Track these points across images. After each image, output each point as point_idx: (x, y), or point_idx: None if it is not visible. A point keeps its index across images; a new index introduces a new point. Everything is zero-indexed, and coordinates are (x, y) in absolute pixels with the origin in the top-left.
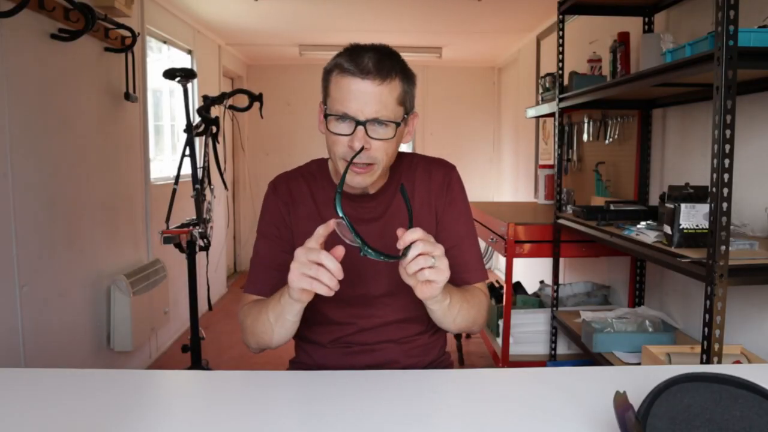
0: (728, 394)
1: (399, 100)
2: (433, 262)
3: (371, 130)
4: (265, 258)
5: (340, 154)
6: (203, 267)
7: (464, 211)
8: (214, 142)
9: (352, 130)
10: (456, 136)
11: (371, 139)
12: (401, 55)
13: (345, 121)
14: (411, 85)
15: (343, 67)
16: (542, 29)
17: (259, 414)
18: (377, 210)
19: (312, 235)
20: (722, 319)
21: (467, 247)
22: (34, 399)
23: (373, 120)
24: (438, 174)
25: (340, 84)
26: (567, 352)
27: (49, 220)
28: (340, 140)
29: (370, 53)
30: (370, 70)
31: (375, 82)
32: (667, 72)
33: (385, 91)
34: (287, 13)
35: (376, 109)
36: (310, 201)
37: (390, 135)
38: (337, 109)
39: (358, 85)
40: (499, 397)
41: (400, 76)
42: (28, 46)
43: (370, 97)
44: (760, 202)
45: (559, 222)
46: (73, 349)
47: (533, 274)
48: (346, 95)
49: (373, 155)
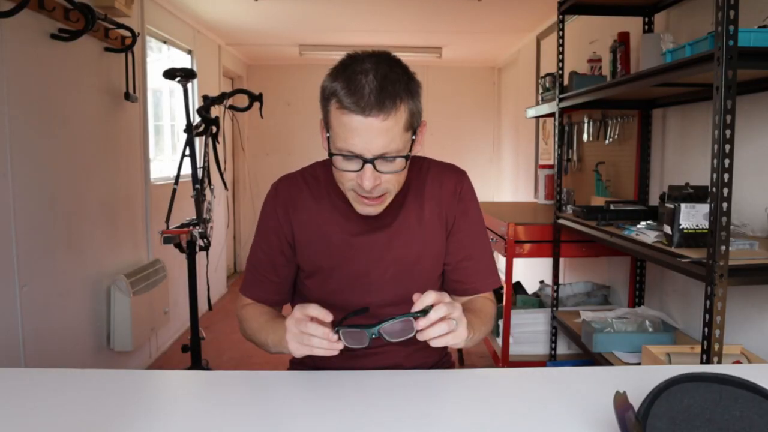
0: (728, 394)
1: (406, 127)
2: (454, 325)
3: (380, 164)
4: (262, 264)
5: (349, 187)
6: (203, 267)
7: (477, 220)
8: (214, 142)
9: (360, 167)
10: (456, 135)
11: (381, 174)
12: (402, 62)
13: (351, 158)
14: (417, 101)
15: (342, 102)
16: (542, 29)
17: (259, 414)
18: (385, 219)
19: (305, 307)
20: (722, 319)
21: (479, 257)
22: (34, 399)
23: (381, 156)
24: (449, 182)
25: (341, 121)
26: (567, 352)
27: (49, 220)
28: (348, 176)
29: (370, 78)
30: (373, 105)
31: (379, 117)
32: (667, 72)
33: (391, 124)
34: (287, 13)
35: (383, 144)
36: (312, 206)
37: (400, 167)
38: (342, 148)
39: (360, 123)
40: (499, 397)
41: (405, 97)
42: (28, 46)
43: (376, 134)
44: (760, 202)
45: (559, 222)
46: (73, 349)
47: (533, 274)
48: (349, 133)
49: (384, 187)
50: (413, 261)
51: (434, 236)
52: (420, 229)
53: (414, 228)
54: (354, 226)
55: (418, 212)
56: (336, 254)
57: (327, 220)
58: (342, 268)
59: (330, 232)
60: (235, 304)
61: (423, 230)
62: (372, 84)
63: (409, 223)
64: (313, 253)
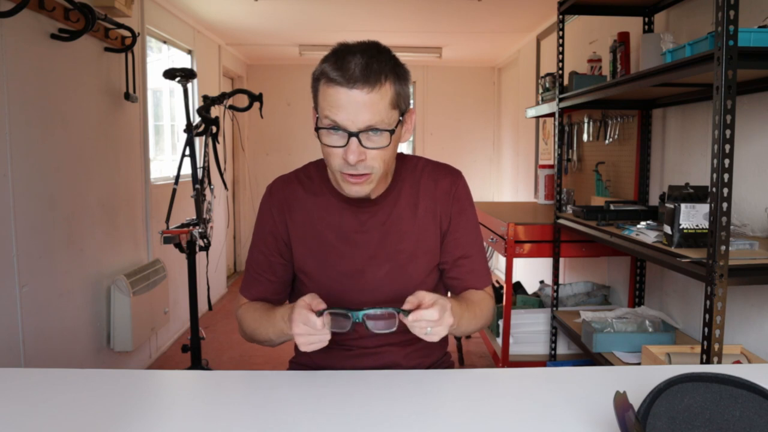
0: (728, 394)
1: (392, 104)
2: (428, 331)
3: (365, 139)
4: (260, 265)
5: (336, 166)
6: (203, 267)
7: (472, 220)
8: (214, 142)
9: (345, 141)
10: (456, 136)
11: (366, 149)
12: (392, 52)
13: (337, 132)
14: (404, 84)
15: (329, 75)
16: (542, 29)
17: (259, 414)
18: (379, 216)
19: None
20: (722, 319)
21: (475, 256)
22: (34, 399)
23: (366, 129)
24: (444, 182)
25: (328, 94)
26: (567, 352)
27: (49, 220)
28: (334, 152)
29: (357, 57)
30: (358, 78)
31: (364, 90)
32: (667, 72)
33: (376, 98)
34: (287, 13)
35: (367, 118)
36: (307, 206)
37: (385, 143)
38: (327, 120)
39: (346, 95)
40: (499, 397)
41: (391, 77)
42: (28, 46)
43: (361, 107)
44: (760, 202)
45: (559, 222)
46: (73, 349)
47: (533, 274)
48: (335, 106)
49: (370, 164)
50: (407, 258)
51: (428, 234)
52: (414, 226)
53: (408, 226)
54: (348, 224)
55: (413, 210)
56: (331, 252)
57: (321, 219)
58: (336, 266)
59: (324, 230)
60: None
61: (417, 228)
62: (359, 61)
63: (403, 221)
64: (308, 252)
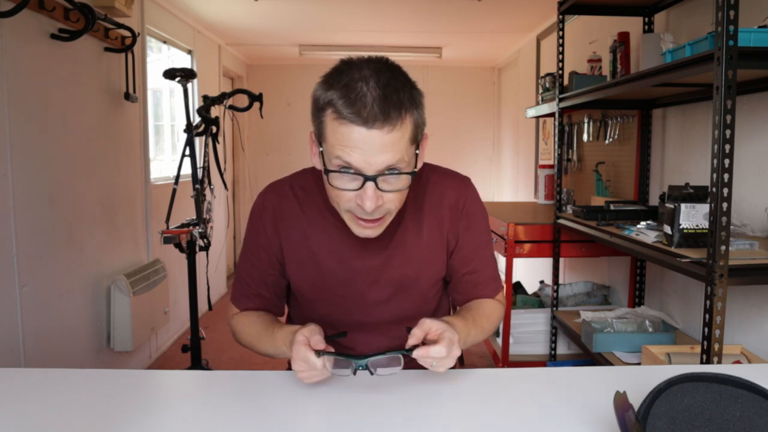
0: (728, 394)
1: (412, 139)
2: (434, 364)
3: (382, 182)
4: (253, 278)
5: (346, 207)
6: (203, 267)
7: (482, 231)
8: (214, 142)
9: (360, 185)
10: (456, 136)
11: (383, 193)
12: (403, 69)
13: (349, 173)
14: (421, 112)
15: (341, 112)
16: (542, 29)
17: (259, 414)
18: (381, 240)
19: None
20: (722, 319)
21: (484, 268)
22: (34, 399)
23: (384, 172)
24: (451, 194)
25: (339, 132)
26: (567, 352)
27: (49, 220)
28: (346, 196)
29: (371, 87)
30: (377, 116)
31: (384, 129)
32: (667, 72)
33: (397, 137)
34: (287, 13)
35: (387, 159)
36: (303, 224)
37: (405, 185)
38: (339, 164)
39: (362, 135)
40: (499, 397)
41: (411, 108)
42: (28, 46)
43: (379, 149)
44: (760, 202)
45: (559, 222)
46: (73, 349)
47: (533, 274)
48: (348, 146)
49: (386, 208)
50: (411, 281)
51: (433, 255)
52: (418, 248)
53: (412, 248)
54: (348, 248)
55: (417, 230)
56: (330, 278)
57: (318, 240)
58: (336, 291)
59: (322, 254)
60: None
61: (421, 249)
62: (374, 92)
63: (407, 243)
64: (305, 275)
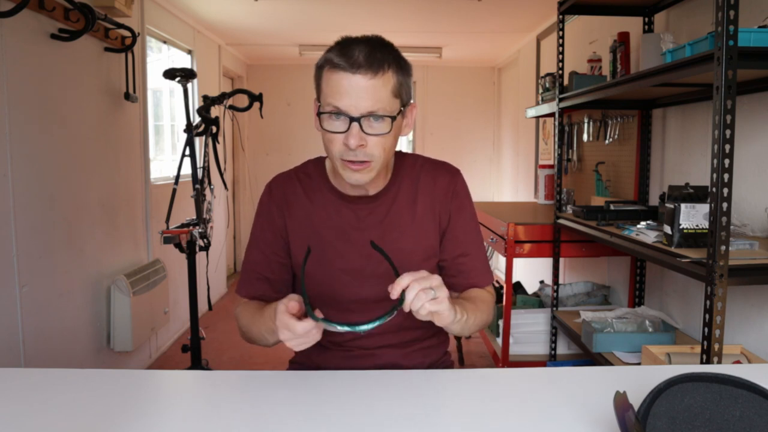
0: (728, 394)
1: (394, 93)
2: (433, 294)
3: (366, 125)
4: (258, 264)
5: (336, 152)
6: (203, 267)
7: (472, 218)
8: (214, 142)
9: (347, 127)
10: (456, 136)
11: (367, 135)
12: (395, 46)
13: (339, 118)
14: (406, 76)
15: (333, 62)
16: (542, 29)
17: (259, 414)
18: (377, 214)
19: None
20: (722, 319)
21: (475, 254)
22: (34, 399)
23: (368, 115)
24: (443, 180)
25: (331, 80)
26: (567, 352)
27: (49, 220)
28: (336, 138)
29: (361, 46)
30: (361, 63)
31: (367, 75)
32: (667, 72)
33: (379, 84)
34: (287, 13)
35: (370, 103)
36: (305, 203)
37: (386, 129)
38: (330, 106)
39: (349, 80)
40: (499, 397)
41: (394, 67)
42: (28, 46)
43: (363, 92)
44: (760, 202)
45: (559, 222)
46: (73, 349)
47: (533, 274)
48: (338, 91)
49: (370, 152)
50: (405, 256)
51: (426, 232)
52: (412, 224)
53: (406, 223)
54: (346, 221)
55: (411, 207)
56: (328, 250)
57: (320, 216)
58: (335, 264)
59: (322, 228)
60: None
61: (415, 225)
62: (364, 48)
63: (401, 218)
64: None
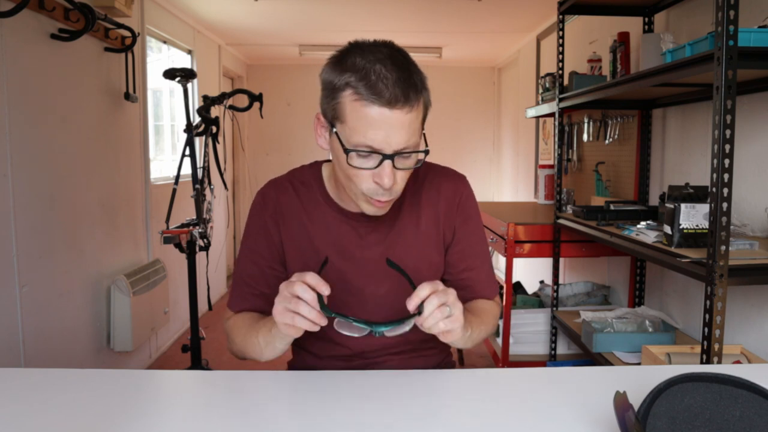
0: (728, 394)
1: (423, 120)
2: (449, 311)
3: (398, 161)
4: (253, 277)
5: (364, 189)
6: (203, 267)
7: (477, 230)
8: (214, 142)
9: (377, 163)
10: (456, 136)
11: (397, 171)
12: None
13: (368, 155)
14: (428, 92)
15: (362, 94)
16: (542, 29)
17: (259, 414)
18: (379, 232)
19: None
20: (722, 319)
21: (480, 266)
22: (34, 399)
23: (401, 151)
24: (447, 190)
25: (361, 114)
26: (567, 352)
27: (49, 220)
28: (363, 174)
29: (390, 70)
30: (398, 97)
31: (404, 110)
32: (667, 72)
33: (413, 117)
34: (287, 13)
35: (404, 139)
36: (302, 216)
37: (414, 164)
38: (359, 143)
39: (384, 115)
40: (499, 397)
41: (423, 90)
42: (28, 46)
43: (399, 128)
44: (760, 202)
45: (559, 222)
46: (73, 349)
47: (533, 274)
48: (370, 127)
49: (397, 188)
50: (410, 274)
51: (431, 248)
52: (416, 241)
53: (410, 241)
54: (346, 239)
55: (415, 223)
56: (329, 269)
57: (317, 233)
58: (335, 285)
59: (321, 245)
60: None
61: (419, 242)
62: (394, 74)
63: (405, 236)
64: (305, 268)
